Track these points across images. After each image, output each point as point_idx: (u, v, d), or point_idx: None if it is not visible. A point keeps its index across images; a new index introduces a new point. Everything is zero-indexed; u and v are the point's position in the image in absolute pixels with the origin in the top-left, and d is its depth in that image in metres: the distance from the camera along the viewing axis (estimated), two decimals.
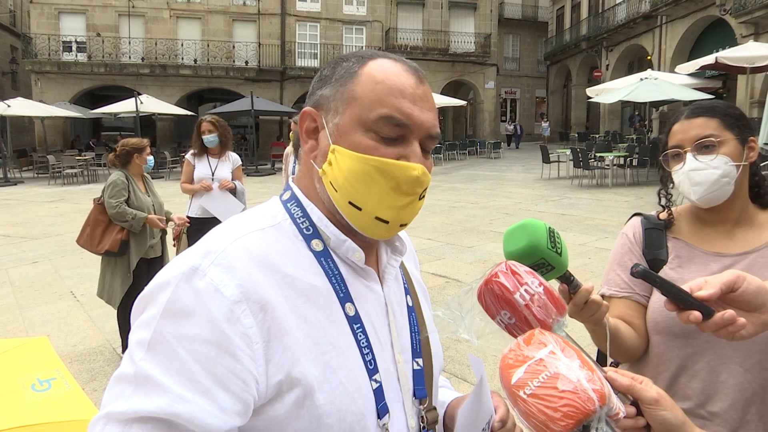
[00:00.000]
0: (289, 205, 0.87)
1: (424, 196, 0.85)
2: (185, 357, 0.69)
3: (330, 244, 0.84)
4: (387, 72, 0.83)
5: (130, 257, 4.15)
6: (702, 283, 0.90)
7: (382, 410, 0.81)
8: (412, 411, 0.87)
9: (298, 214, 0.85)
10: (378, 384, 0.81)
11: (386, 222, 0.82)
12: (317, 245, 0.83)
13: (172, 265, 0.76)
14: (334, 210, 0.84)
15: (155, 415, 0.67)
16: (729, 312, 0.88)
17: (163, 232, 4.44)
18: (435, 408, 0.91)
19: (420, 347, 0.92)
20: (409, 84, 0.83)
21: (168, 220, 4.41)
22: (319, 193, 0.86)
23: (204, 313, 0.70)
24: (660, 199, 1.46)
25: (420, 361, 0.90)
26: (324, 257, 0.83)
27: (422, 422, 0.88)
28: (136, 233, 4.16)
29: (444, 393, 1.05)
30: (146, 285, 0.77)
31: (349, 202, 0.81)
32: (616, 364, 1.50)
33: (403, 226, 0.85)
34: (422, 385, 0.89)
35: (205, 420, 0.68)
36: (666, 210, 1.45)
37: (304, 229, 0.84)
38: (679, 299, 0.89)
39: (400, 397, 0.85)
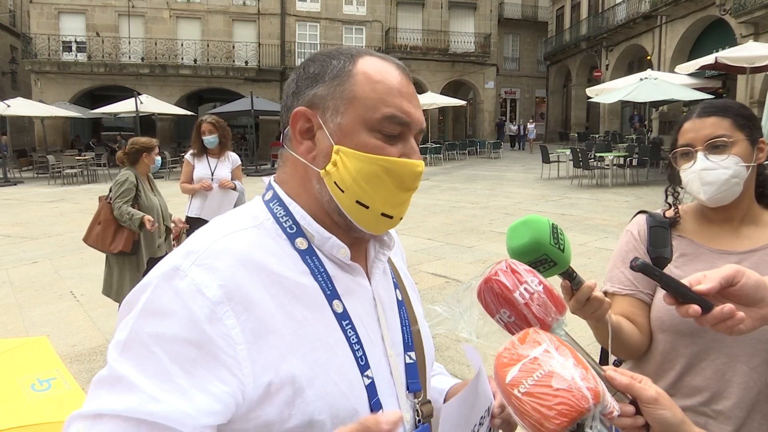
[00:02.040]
0: (271, 204, 0.87)
1: None
2: (161, 357, 0.69)
3: (314, 242, 0.84)
4: (381, 71, 0.84)
5: (140, 256, 4.19)
6: (701, 277, 0.90)
7: (375, 406, 0.81)
8: (407, 405, 0.87)
9: (280, 213, 0.85)
10: (370, 380, 0.81)
11: (390, 217, 0.85)
12: (301, 243, 0.83)
13: (156, 267, 0.76)
14: (331, 209, 0.85)
15: (124, 414, 0.66)
16: (728, 306, 0.88)
17: (168, 231, 4.47)
18: (429, 401, 0.92)
19: (412, 341, 0.92)
20: (402, 83, 0.85)
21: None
22: (316, 194, 0.85)
23: (184, 313, 0.70)
24: (667, 197, 1.45)
25: (412, 354, 0.90)
26: (309, 255, 0.83)
27: (417, 416, 0.88)
28: (147, 233, 4.20)
29: (441, 380, 1.05)
30: None
31: (357, 201, 0.82)
32: (619, 363, 1.50)
33: (401, 219, 0.87)
34: (416, 378, 0.89)
35: (179, 419, 0.67)
36: (673, 208, 1.44)
37: (288, 228, 0.84)
38: (679, 293, 0.89)
39: (393, 392, 0.85)
